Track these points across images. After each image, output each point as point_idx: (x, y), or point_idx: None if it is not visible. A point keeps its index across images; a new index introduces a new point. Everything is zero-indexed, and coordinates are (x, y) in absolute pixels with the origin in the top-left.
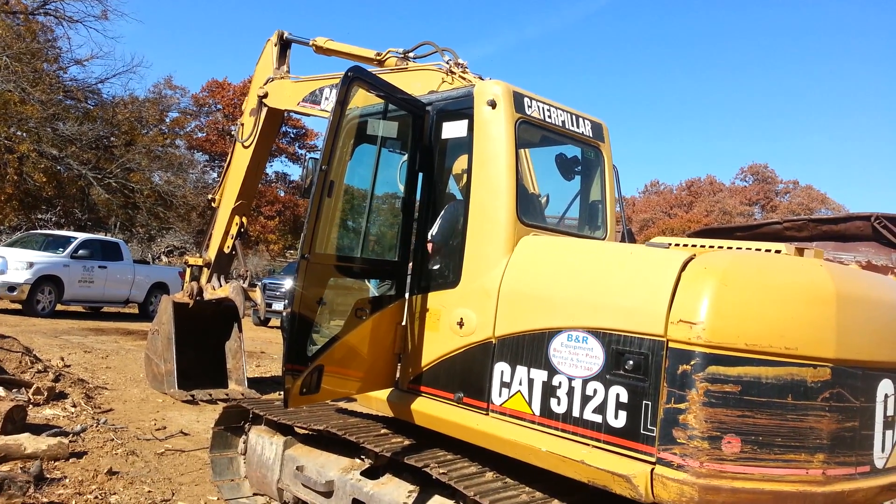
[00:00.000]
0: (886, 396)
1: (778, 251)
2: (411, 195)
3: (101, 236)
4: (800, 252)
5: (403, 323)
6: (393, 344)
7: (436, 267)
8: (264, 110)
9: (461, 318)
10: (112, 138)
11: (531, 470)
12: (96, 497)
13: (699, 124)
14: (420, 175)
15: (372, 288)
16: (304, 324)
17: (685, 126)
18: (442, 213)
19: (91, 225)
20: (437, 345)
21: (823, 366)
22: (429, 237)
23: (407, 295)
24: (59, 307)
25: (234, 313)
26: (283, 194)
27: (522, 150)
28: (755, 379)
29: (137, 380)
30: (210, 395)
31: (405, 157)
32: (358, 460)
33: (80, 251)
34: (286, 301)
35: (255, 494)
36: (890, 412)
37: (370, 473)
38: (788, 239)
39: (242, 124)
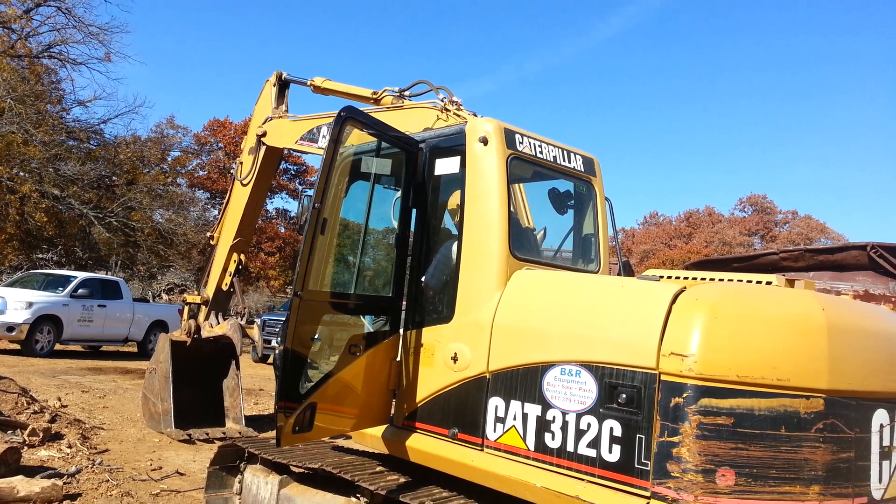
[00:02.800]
0: (882, 426)
1: (769, 283)
2: (405, 231)
3: (100, 275)
4: (790, 283)
5: (398, 358)
6: (388, 380)
7: (430, 302)
8: (263, 149)
9: (455, 353)
10: (114, 178)
11: None
12: None
13: (697, 156)
14: (414, 211)
15: (366, 324)
16: (297, 361)
17: (684, 158)
18: (437, 254)
19: (92, 264)
20: (431, 380)
21: (816, 397)
22: (423, 279)
23: (401, 330)
24: (57, 346)
25: (231, 351)
26: (283, 230)
27: (516, 185)
28: (748, 411)
29: (134, 419)
30: (207, 433)
31: (399, 194)
32: (353, 499)
33: (80, 290)
34: (279, 338)
35: None
36: (886, 442)
37: None
38: (785, 269)
39: (241, 163)
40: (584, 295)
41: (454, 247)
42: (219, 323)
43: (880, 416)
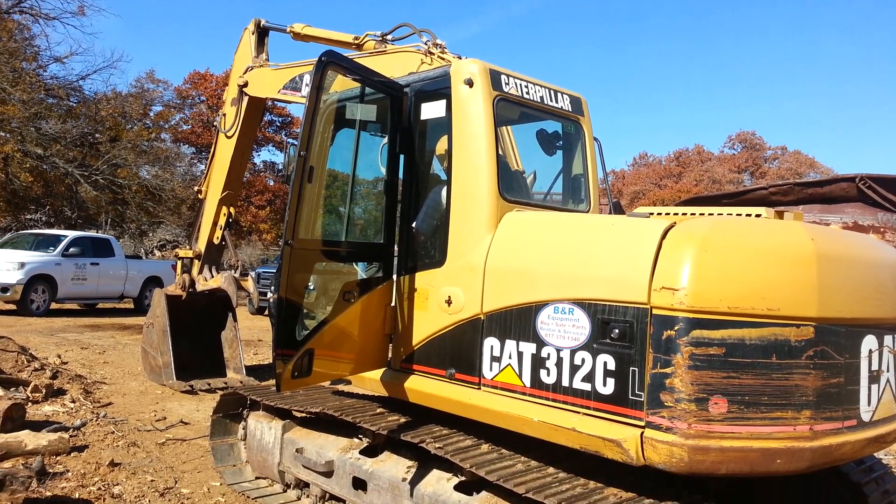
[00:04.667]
0: (871, 352)
1: (758, 215)
2: (393, 177)
3: (91, 233)
4: (779, 215)
5: (393, 304)
6: (383, 325)
7: (422, 247)
8: (245, 99)
9: (449, 297)
10: (97, 135)
11: (526, 441)
12: (99, 489)
13: (687, 94)
14: (402, 157)
15: (359, 271)
16: (291, 309)
17: (673, 97)
18: (426, 200)
19: (81, 223)
20: (426, 324)
21: (806, 325)
22: (413, 225)
23: (395, 276)
24: (53, 306)
25: (227, 303)
26: (272, 183)
27: (504, 127)
28: (739, 341)
29: (135, 373)
30: (209, 384)
31: (385, 140)
32: (356, 440)
33: (72, 249)
34: (272, 287)
35: (257, 478)
36: (875, 367)
37: (369, 452)
38: (775, 204)
39: (224, 115)
40: (575, 234)
41: (443, 191)
42: (213, 276)
43: (869, 342)
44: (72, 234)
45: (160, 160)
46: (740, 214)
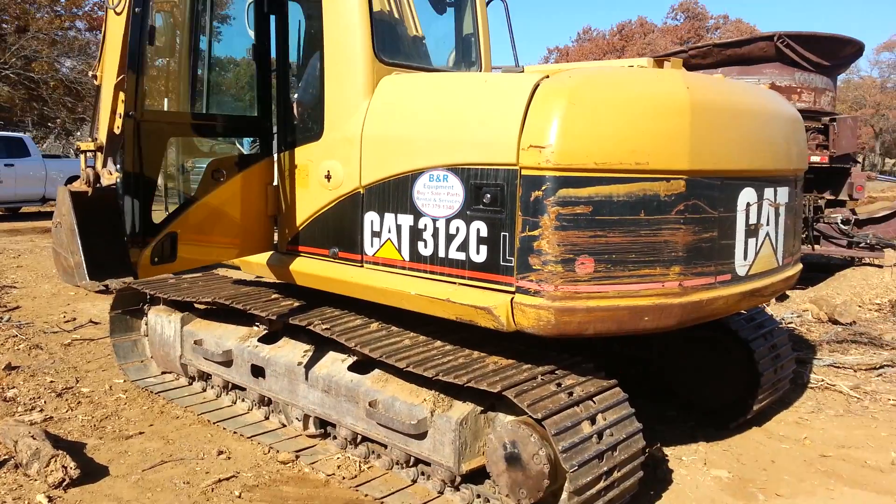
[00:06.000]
0: (748, 205)
1: (642, 66)
2: (263, 41)
3: (2, 133)
4: (659, 64)
5: (275, 183)
6: (266, 206)
7: (301, 120)
8: None
9: (328, 171)
10: (4, 25)
11: (419, 316)
12: None
13: None
14: (272, 18)
15: (234, 147)
16: (143, 191)
17: None
18: (307, 67)
19: (2, 124)
20: (309, 202)
21: (677, 178)
22: (295, 96)
23: (275, 153)
24: None
25: None
26: None
27: None
28: (606, 198)
29: (49, 276)
30: (125, 283)
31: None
32: (255, 328)
33: None
34: (117, 167)
35: (163, 373)
36: (753, 220)
37: (268, 339)
38: (695, 67)
39: None
40: (448, 95)
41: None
42: (118, 169)
43: (747, 195)
44: None
45: (75, 51)
46: (622, 67)
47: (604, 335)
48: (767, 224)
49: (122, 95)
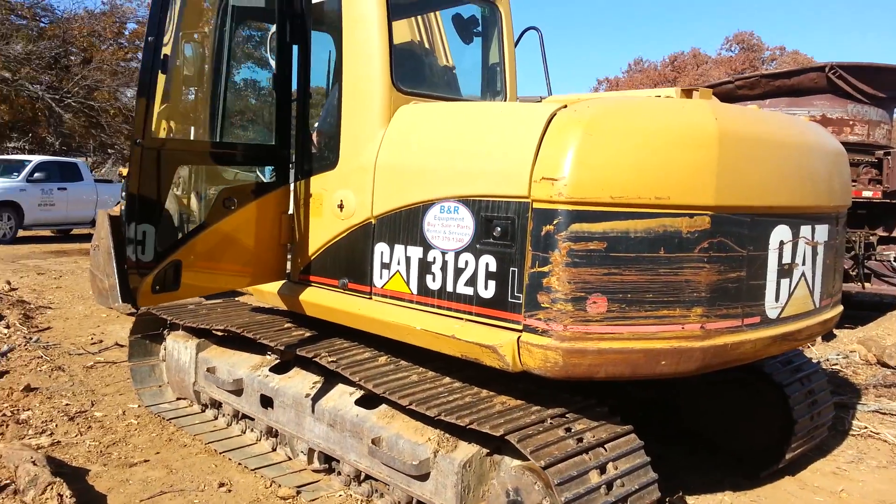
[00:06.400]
0: (782, 243)
1: (669, 96)
2: (285, 71)
3: (57, 158)
4: (687, 94)
5: (290, 212)
6: (279, 234)
7: (319, 149)
8: None
9: (341, 200)
10: (71, 56)
11: (431, 352)
12: (5, 415)
13: None
14: (295, 48)
15: (246, 175)
16: (147, 218)
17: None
18: (329, 96)
19: (66, 150)
20: (321, 231)
21: (701, 214)
22: (316, 126)
23: (292, 181)
24: (21, 233)
25: None
26: None
27: (433, 17)
28: (623, 234)
29: (85, 297)
30: (147, 307)
31: (274, 28)
32: (268, 357)
33: (36, 174)
34: (122, 194)
35: (178, 399)
36: (787, 259)
37: (279, 369)
38: (741, 98)
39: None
40: (462, 125)
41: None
42: None
43: (781, 233)
44: (37, 158)
45: (136, 81)
46: (648, 98)
47: (617, 379)
48: (803, 264)
49: (164, 123)
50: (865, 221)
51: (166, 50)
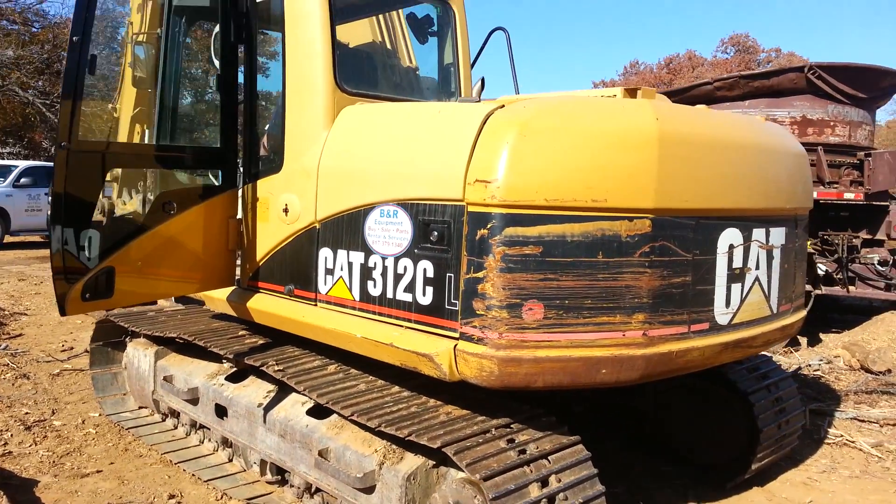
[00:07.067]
0: (731, 247)
1: (613, 95)
2: (229, 71)
3: (44, 163)
4: (631, 94)
5: (238, 217)
6: (226, 239)
7: (266, 152)
8: None
9: (286, 205)
10: (63, 61)
11: (378, 360)
12: None
13: None
14: (240, 48)
15: (189, 178)
16: (74, 223)
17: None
18: (280, 98)
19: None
20: (268, 237)
21: (641, 217)
22: (266, 129)
23: (240, 185)
24: (8, 238)
25: None
26: None
27: (396, 16)
28: (559, 238)
29: None
30: (105, 314)
31: (217, 28)
32: (225, 366)
33: (23, 179)
34: (48, 199)
35: (140, 408)
36: (738, 264)
37: (235, 378)
38: (720, 99)
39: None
40: (402, 126)
41: None
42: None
43: (730, 236)
44: (23, 163)
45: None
46: (589, 98)
47: (556, 389)
48: (757, 268)
49: (138, 127)
50: (848, 224)
51: (94, 49)
